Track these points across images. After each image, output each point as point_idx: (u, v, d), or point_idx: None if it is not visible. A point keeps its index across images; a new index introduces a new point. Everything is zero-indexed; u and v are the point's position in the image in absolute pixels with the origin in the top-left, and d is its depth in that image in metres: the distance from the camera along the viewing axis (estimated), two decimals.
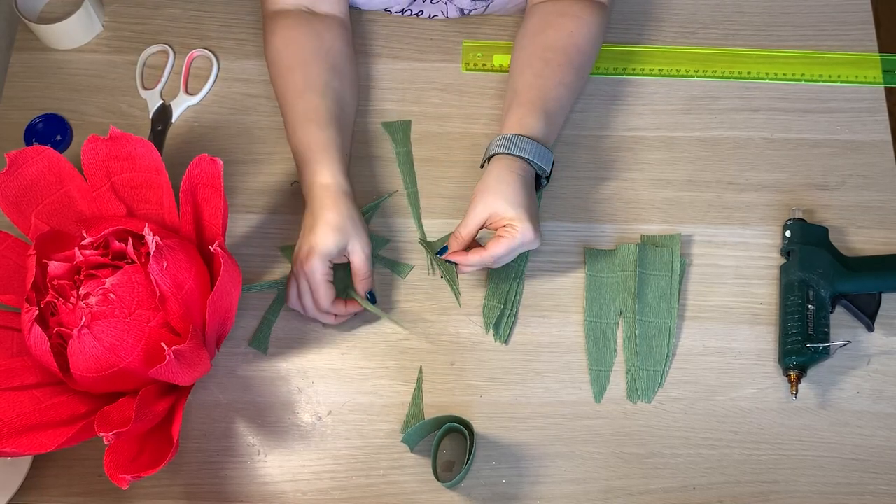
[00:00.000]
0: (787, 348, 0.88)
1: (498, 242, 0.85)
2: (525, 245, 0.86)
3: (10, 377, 0.83)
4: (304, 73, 0.94)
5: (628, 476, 0.86)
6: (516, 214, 0.85)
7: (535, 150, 0.88)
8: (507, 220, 0.85)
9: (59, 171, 0.88)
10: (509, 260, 0.88)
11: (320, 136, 0.91)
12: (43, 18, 1.07)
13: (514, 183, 0.86)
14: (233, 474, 0.87)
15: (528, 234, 0.85)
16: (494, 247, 0.85)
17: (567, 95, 0.94)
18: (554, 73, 0.93)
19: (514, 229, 0.85)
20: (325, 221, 0.87)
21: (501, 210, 0.85)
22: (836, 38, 1.05)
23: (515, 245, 0.85)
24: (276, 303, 0.93)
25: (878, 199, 0.97)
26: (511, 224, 0.85)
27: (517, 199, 0.85)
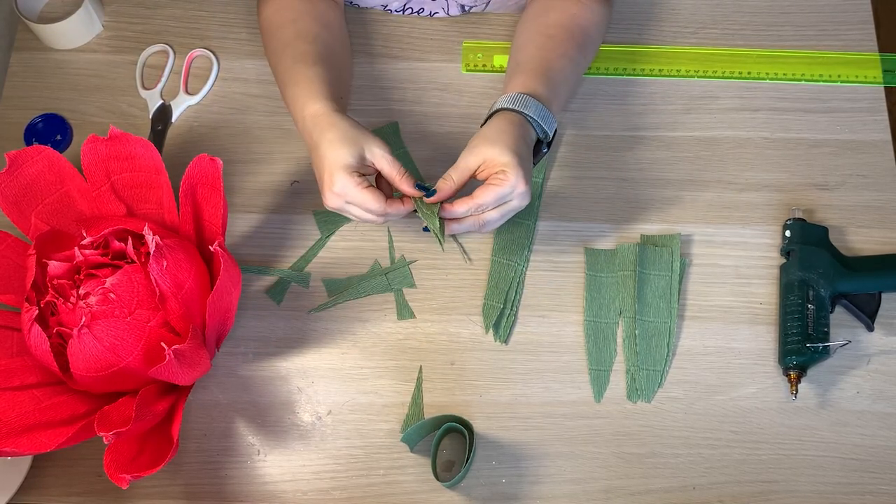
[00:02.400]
0: (787, 348, 0.88)
1: (486, 189, 0.82)
2: (515, 196, 0.82)
3: (10, 377, 0.83)
4: (294, 28, 0.92)
5: (628, 476, 0.86)
6: (509, 160, 0.81)
7: (539, 110, 0.86)
8: (500, 165, 0.81)
9: (59, 171, 0.88)
10: (498, 219, 0.84)
11: (306, 73, 0.87)
12: (43, 18, 1.07)
13: (513, 134, 0.83)
14: (233, 474, 0.87)
15: (519, 184, 0.81)
16: (482, 194, 0.82)
17: (571, 68, 0.92)
18: (556, 47, 0.92)
19: (506, 176, 0.81)
20: (328, 140, 0.82)
21: (495, 155, 0.82)
22: (836, 38, 1.05)
23: (504, 192, 0.81)
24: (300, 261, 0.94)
25: (878, 199, 0.97)
26: (503, 170, 0.81)
27: (513, 148, 0.82)
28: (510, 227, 0.95)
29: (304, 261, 0.95)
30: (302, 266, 0.94)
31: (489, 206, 0.82)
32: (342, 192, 0.82)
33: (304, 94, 0.86)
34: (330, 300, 0.93)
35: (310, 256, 0.95)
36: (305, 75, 0.88)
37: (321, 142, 0.83)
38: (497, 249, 0.94)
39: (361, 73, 1.03)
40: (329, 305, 0.93)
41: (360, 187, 0.81)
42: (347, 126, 0.83)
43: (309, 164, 0.99)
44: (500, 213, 0.84)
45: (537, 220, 0.96)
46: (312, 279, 0.94)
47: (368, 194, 0.82)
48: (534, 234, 0.95)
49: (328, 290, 0.93)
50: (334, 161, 0.81)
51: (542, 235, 0.96)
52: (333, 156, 0.81)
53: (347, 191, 0.81)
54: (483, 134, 0.84)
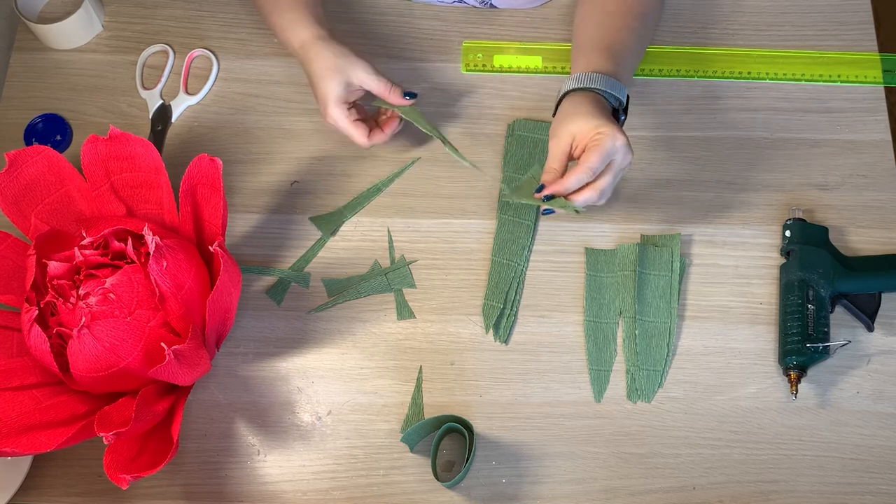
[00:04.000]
0: (787, 348, 0.88)
1: (590, 152, 0.81)
2: (619, 150, 0.81)
3: (10, 377, 0.83)
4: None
5: (628, 476, 0.86)
6: (597, 122, 0.81)
7: (605, 81, 0.86)
8: (592, 129, 0.81)
9: (59, 171, 0.88)
10: (612, 182, 0.83)
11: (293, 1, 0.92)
12: (43, 18, 1.07)
13: (590, 105, 0.84)
14: (233, 474, 0.87)
15: (617, 137, 0.81)
16: (588, 157, 0.81)
17: (633, 39, 0.92)
18: (616, 22, 0.92)
19: (602, 134, 0.81)
20: (317, 73, 0.89)
21: (583, 124, 0.82)
22: (836, 38, 1.05)
23: (607, 147, 0.80)
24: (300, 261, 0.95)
25: (878, 199, 0.97)
26: (598, 131, 0.81)
27: (597, 113, 0.82)
28: (510, 227, 0.95)
29: (304, 261, 0.95)
30: (302, 266, 0.94)
31: (597, 167, 0.81)
32: (334, 122, 0.90)
33: (290, 23, 0.92)
34: (330, 300, 0.93)
35: (310, 256, 0.95)
36: (289, 4, 0.92)
37: (311, 73, 0.90)
38: (497, 249, 0.94)
39: None
40: (329, 305, 0.93)
41: (347, 120, 0.90)
42: (331, 54, 0.89)
43: (309, 165, 0.99)
44: (611, 175, 0.83)
45: (537, 220, 0.96)
46: (312, 279, 0.94)
47: (353, 129, 0.90)
48: (534, 234, 0.95)
49: (328, 290, 0.93)
50: (324, 93, 0.89)
51: (542, 235, 0.96)
52: (324, 88, 0.89)
53: (339, 123, 0.90)
54: (559, 117, 0.85)
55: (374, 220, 0.97)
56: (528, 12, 1.06)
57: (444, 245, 0.95)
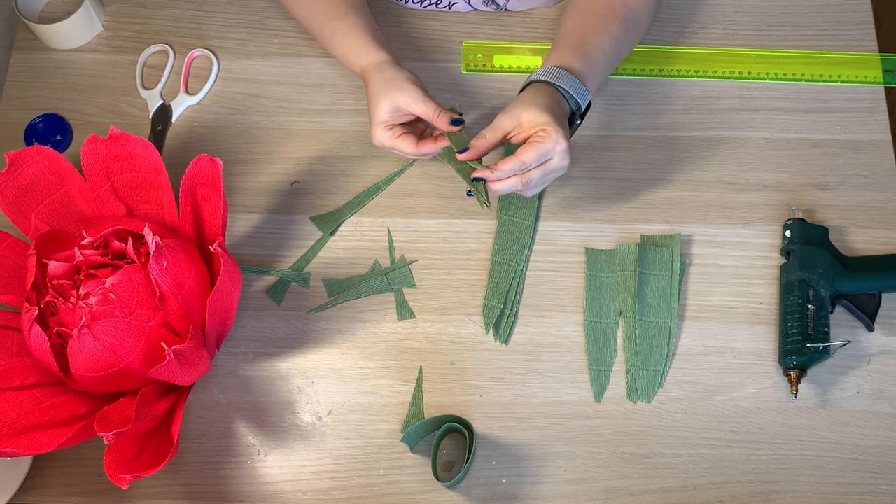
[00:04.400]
0: (787, 348, 0.88)
1: (528, 146, 0.83)
2: (556, 154, 0.83)
3: (10, 377, 0.83)
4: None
5: (628, 476, 0.86)
6: (548, 119, 0.83)
7: (571, 82, 0.87)
8: (538, 125, 0.83)
9: (59, 171, 0.88)
10: (540, 178, 0.85)
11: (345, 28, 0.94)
12: (43, 18, 1.07)
13: (548, 98, 0.85)
14: (233, 474, 0.87)
15: (560, 141, 0.82)
16: (525, 151, 0.82)
17: (610, 44, 0.93)
18: (597, 23, 0.93)
19: (546, 133, 0.82)
20: (369, 95, 0.90)
21: (532, 116, 0.83)
22: (836, 38, 1.05)
23: (546, 147, 0.82)
24: (300, 261, 0.95)
25: (878, 199, 0.97)
26: (543, 128, 0.83)
27: (549, 108, 0.84)
28: (510, 227, 0.95)
29: (305, 261, 0.95)
30: (302, 266, 0.94)
31: (532, 163, 0.83)
32: (381, 143, 0.90)
33: (350, 50, 0.94)
34: (330, 300, 0.93)
35: (310, 256, 0.95)
36: (346, 29, 0.94)
37: (368, 93, 0.91)
38: (497, 249, 0.94)
39: None
40: (329, 305, 0.93)
41: (393, 138, 0.90)
42: (383, 80, 0.90)
43: (309, 165, 0.99)
44: (542, 171, 0.84)
45: (537, 220, 0.96)
46: (312, 279, 0.94)
47: (400, 142, 0.90)
48: (534, 234, 0.95)
49: (328, 290, 0.93)
50: (373, 116, 0.90)
51: (542, 235, 0.96)
52: (372, 111, 0.90)
53: (384, 142, 0.90)
54: (518, 99, 0.86)
55: (374, 220, 0.97)
56: (528, 12, 1.06)
57: (444, 245, 0.95)
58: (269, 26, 1.06)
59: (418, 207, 0.97)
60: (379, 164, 0.99)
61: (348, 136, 1.00)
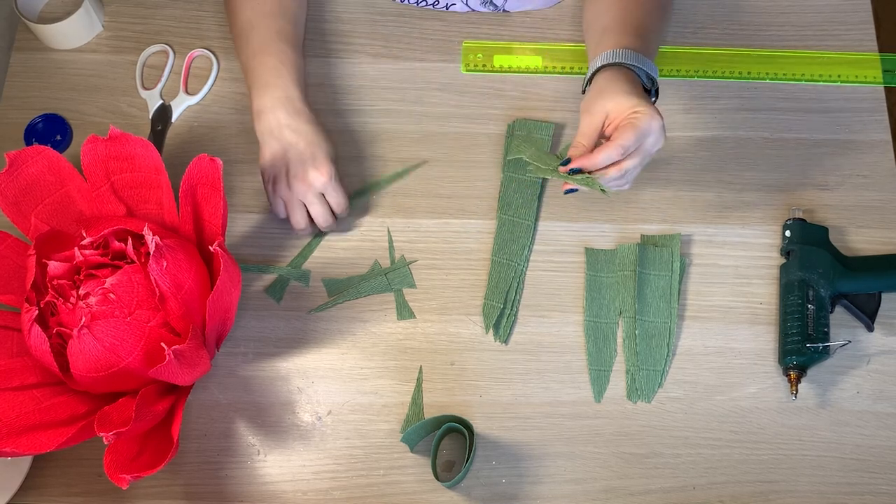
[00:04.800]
0: (787, 348, 0.88)
1: (624, 129, 0.78)
2: (653, 131, 0.79)
3: (10, 377, 0.83)
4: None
5: (628, 476, 0.86)
6: (636, 101, 0.79)
7: (638, 59, 0.84)
8: (627, 108, 0.79)
9: (59, 171, 0.88)
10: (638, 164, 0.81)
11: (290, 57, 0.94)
12: (43, 18, 1.07)
13: (622, 81, 0.81)
14: (233, 474, 0.87)
15: (655, 117, 0.79)
16: (621, 134, 0.78)
17: (655, 23, 0.91)
18: (638, 6, 0.90)
19: (641, 114, 0.78)
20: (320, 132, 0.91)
21: (616, 103, 0.80)
22: (836, 38, 1.05)
23: (644, 128, 0.78)
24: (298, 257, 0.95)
25: (878, 199, 0.97)
26: (633, 111, 0.79)
27: (632, 91, 0.80)
28: (510, 227, 0.95)
29: (302, 257, 0.95)
30: (300, 263, 0.94)
31: (630, 146, 0.79)
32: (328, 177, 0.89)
33: (284, 75, 0.92)
34: (330, 300, 0.93)
35: (307, 253, 0.95)
36: (289, 58, 0.94)
37: (309, 127, 0.91)
38: (497, 249, 0.94)
39: (361, 73, 1.03)
40: (329, 305, 0.93)
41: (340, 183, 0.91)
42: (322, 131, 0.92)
43: None
44: (639, 156, 0.81)
45: (537, 220, 0.96)
46: (312, 279, 0.94)
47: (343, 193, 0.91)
48: (534, 234, 0.95)
49: (328, 290, 0.93)
50: (329, 153, 0.90)
51: (542, 235, 0.96)
52: (329, 148, 0.90)
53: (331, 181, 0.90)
54: (591, 94, 0.83)
55: (374, 220, 0.97)
56: (528, 13, 1.06)
57: (444, 245, 0.95)
58: None
59: (418, 207, 0.97)
60: (379, 165, 0.99)
61: (348, 136, 1.00)
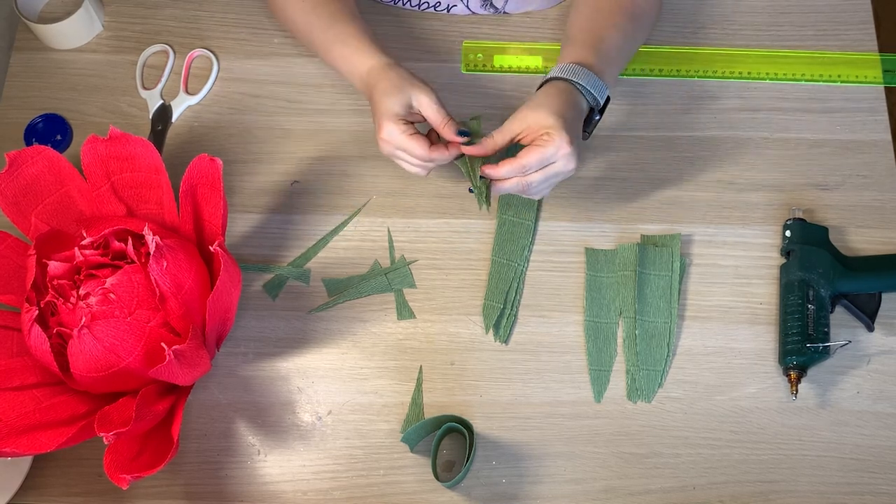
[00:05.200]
0: (787, 348, 0.88)
1: (529, 150, 0.82)
2: (559, 158, 0.83)
3: (10, 377, 0.83)
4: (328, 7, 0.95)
5: (628, 476, 0.86)
6: (554, 123, 0.82)
7: (588, 78, 0.87)
8: (544, 128, 0.82)
9: (59, 171, 0.88)
10: (544, 185, 0.85)
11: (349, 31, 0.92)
12: (43, 18, 1.07)
13: (560, 99, 0.84)
14: (233, 474, 0.87)
15: (562, 146, 0.82)
16: (526, 154, 0.82)
17: (621, 38, 0.93)
18: (606, 18, 0.93)
19: (549, 137, 0.82)
20: (380, 91, 0.87)
21: (539, 118, 0.82)
22: (836, 38, 1.05)
23: (547, 152, 0.82)
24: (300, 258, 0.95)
25: (878, 199, 0.97)
26: (547, 133, 0.82)
27: (559, 111, 0.83)
28: (510, 227, 0.95)
29: (305, 258, 0.95)
30: (302, 263, 0.94)
31: (532, 167, 0.83)
32: (389, 138, 0.86)
33: (355, 52, 0.91)
34: (330, 300, 0.93)
35: (311, 254, 0.95)
36: (349, 33, 0.92)
37: (374, 93, 0.88)
38: (497, 249, 0.94)
39: None
40: (329, 305, 0.93)
41: (405, 135, 0.86)
42: (396, 76, 0.87)
43: (309, 165, 0.99)
44: (543, 175, 0.84)
45: (537, 220, 0.96)
46: (312, 279, 0.94)
47: (413, 141, 0.86)
48: (534, 234, 0.95)
49: (328, 289, 0.93)
50: (384, 110, 0.86)
51: (542, 235, 0.96)
52: (383, 105, 0.86)
53: (394, 137, 0.86)
54: (529, 101, 0.86)
55: (374, 220, 0.97)
56: (528, 13, 1.06)
57: (444, 245, 0.95)
58: (269, 26, 1.06)
59: (418, 207, 0.97)
60: (379, 165, 0.99)
61: (348, 136, 1.00)
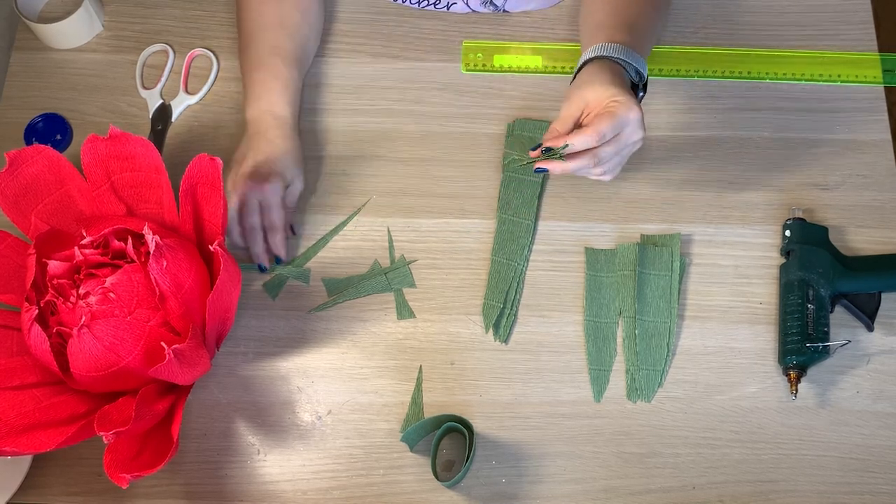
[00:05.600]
0: (787, 348, 0.88)
1: (602, 116, 0.78)
2: (630, 123, 0.79)
3: (10, 377, 0.83)
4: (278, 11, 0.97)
5: (628, 476, 0.86)
6: (615, 91, 0.79)
7: (627, 53, 0.84)
8: (608, 97, 0.79)
9: (59, 171, 0.88)
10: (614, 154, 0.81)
11: (283, 72, 0.95)
12: (43, 18, 1.07)
13: (609, 72, 0.81)
14: (233, 474, 0.87)
15: (633, 109, 0.78)
16: (598, 120, 0.78)
17: (648, 22, 0.91)
18: (632, 6, 0.90)
19: (618, 104, 0.78)
20: (287, 151, 0.93)
21: (599, 92, 0.79)
22: (836, 38, 1.05)
23: (620, 117, 0.78)
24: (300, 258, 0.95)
25: (878, 199, 0.97)
26: (613, 101, 0.79)
27: (614, 82, 0.80)
28: (510, 227, 0.95)
29: (305, 258, 0.95)
30: (302, 263, 0.94)
31: (607, 134, 0.79)
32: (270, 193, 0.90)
33: (276, 91, 0.95)
34: (330, 300, 0.93)
35: (310, 254, 0.95)
36: (282, 73, 0.95)
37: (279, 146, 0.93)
38: (497, 249, 0.94)
39: (361, 73, 1.03)
40: (329, 305, 0.93)
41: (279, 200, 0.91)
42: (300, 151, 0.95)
43: (309, 165, 0.99)
44: (615, 147, 0.80)
45: (537, 219, 0.96)
46: (313, 278, 0.94)
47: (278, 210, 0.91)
48: (534, 233, 0.95)
49: (328, 289, 0.93)
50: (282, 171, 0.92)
51: (541, 235, 0.96)
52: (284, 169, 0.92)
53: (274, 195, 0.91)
54: (575, 83, 0.83)
55: (374, 219, 0.97)
56: (528, 13, 1.06)
57: (444, 245, 0.95)
58: None
59: (418, 207, 0.97)
60: (378, 164, 0.99)
61: (348, 136, 1.00)
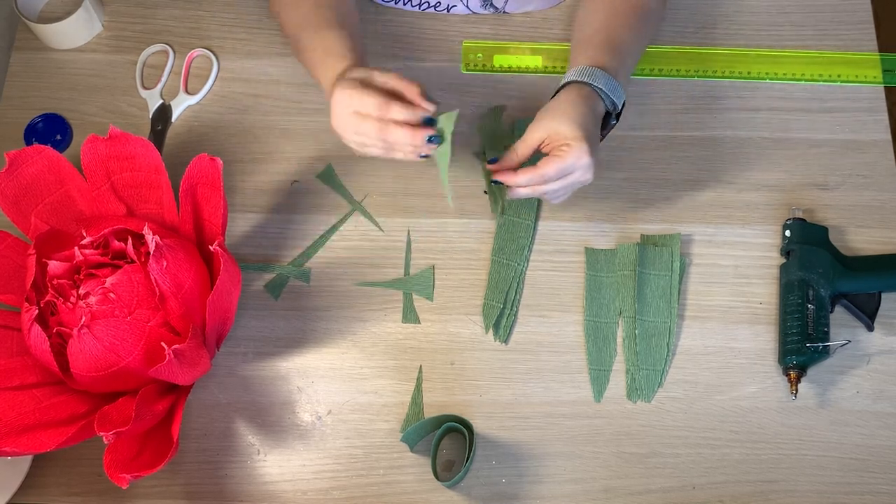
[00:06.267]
0: (787, 348, 0.88)
1: (549, 160, 0.82)
2: (578, 168, 0.83)
3: (10, 377, 0.83)
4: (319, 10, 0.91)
5: (628, 476, 0.86)
6: (574, 134, 0.82)
7: (607, 82, 0.86)
8: (564, 138, 0.82)
9: (59, 171, 0.89)
10: (561, 192, 0.85)
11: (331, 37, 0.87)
12: (43, 18, 1.07)
13: (580, 106, 0.84)
14: (232, 474, 0.87)
15: (582, 157, 0.82)
16: (545, 164, 0.82)
17: (634, 40, 0.93)
18: (619, 18, 0.92)
19: (569, 148, 0.82)
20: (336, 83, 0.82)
21: (560, 128, 0.82)
22: (836, 38, 1.05)
23: (566, 164, 0.82)
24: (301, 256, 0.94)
25: (878, 199, 0.97)
26: (567, 143, 0.82)
27: (579, 120, 0.82)
28: (510, 227, 0.95)
29: (305, 257, 0.95)
30: (302, 262, 0.94)
31: (551, 177, 0.83)
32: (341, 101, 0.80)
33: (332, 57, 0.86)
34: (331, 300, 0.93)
35: (310, 253, 0.95)
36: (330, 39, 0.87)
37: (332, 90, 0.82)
38: (497, 249, 0.94)
39: None
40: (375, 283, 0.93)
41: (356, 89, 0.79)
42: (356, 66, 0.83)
43: (309, 164, 0.99)
44: (562, 184, 0.84)
45: (537, 220, 0.96)
46: (313, 278, 0.94)
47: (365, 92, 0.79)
48: (534, 234, 0.95)
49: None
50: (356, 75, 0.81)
51: (542, 235, 0.96)
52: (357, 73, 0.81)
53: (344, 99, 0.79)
54: (549, 107, 0.85)
55: (375, 220, 0.96)
56: (528, 13, 1.06)
57: (444, 245, 0.95)
58: (268, 26, 1.06)
59: (418, 207, 0.97)
60: (378, 164, 0.99)
61: None
